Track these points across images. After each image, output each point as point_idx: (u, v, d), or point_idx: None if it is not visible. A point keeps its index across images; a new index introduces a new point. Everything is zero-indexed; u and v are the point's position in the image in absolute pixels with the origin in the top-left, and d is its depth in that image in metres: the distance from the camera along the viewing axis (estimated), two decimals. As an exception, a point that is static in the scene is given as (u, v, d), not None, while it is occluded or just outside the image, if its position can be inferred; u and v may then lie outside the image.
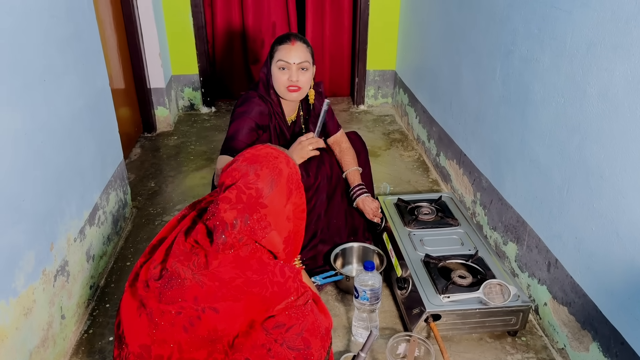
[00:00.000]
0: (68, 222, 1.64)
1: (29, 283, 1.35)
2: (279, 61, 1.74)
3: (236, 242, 1.06)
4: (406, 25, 3.43)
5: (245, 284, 1.04)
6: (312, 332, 1.06)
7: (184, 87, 3.67)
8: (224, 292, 1.03)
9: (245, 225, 1.05)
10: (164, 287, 1.06)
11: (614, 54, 1.31)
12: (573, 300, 1.52)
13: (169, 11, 3.38)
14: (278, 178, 1.09)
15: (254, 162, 1.12)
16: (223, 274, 1.05)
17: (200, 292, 1.04)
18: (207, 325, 1.03)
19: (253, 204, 1.06)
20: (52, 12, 1.60)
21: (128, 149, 2.99)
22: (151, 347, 1.06)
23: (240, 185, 1.08)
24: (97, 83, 2.02)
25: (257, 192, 1.06)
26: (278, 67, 1.75)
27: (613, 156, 1.33)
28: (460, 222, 2.00)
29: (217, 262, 1.06)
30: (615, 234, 1.33)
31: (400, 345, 1.52)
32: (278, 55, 1.75)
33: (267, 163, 1.11)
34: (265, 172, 1.09)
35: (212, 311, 1.03)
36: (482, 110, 2.16)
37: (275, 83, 1.79)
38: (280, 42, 1.76)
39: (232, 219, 1.06)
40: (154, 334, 1.05)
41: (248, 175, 1.09)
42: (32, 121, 1.43)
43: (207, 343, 1.04)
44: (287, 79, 1.75)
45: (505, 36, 1.92)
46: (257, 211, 1.06)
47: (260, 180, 1.08)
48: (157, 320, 1.05)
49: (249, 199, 1.06)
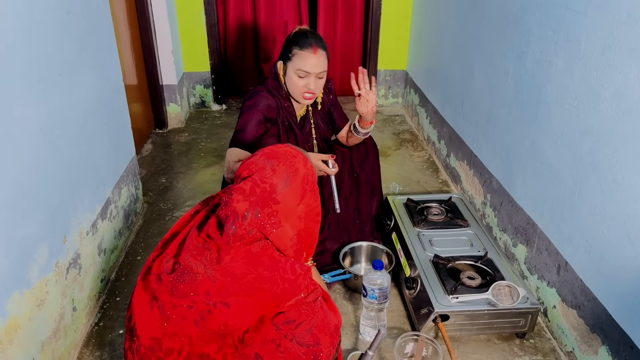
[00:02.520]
0: (81, 215, 1.66)
1: (42, 275, 1.37)
2: (298, 70, 1.72)
3: (246, 234, 1.07)
4: (418, 25, 3.43)
5: (256, 280, 1.05)
6: (321, 328, 1.07)
7: (196, 84, 3.69)
8: (236, 287, 1.04)
9: (256, 218, 1.06)
10: (176, 281, 1.08)
11: (629, 56, 1.30)
12: (582, 304, 1.51)
13: (182, 8, 3.40)
14: (294, 176, 1.10)
15: (272, 157, 1.13)
16: (235, 269, 1.06)
17: (212, 287, 1.05)
18: (218, 320, 1.04)
19: (266, 199, 1.07)
20: (68, 8, 1.61)
21: (140, 145, 3.01)
22: (162, 340, 1.07)
23: (256, 178, 1.09)
24: (111, 79, 2.04)
25: (272, 187, 1.07)
26: (297, 74, 1.73)
27: (626, 160, 1.33)
28: (470, 223, 2.00)
29: (230, 258, 1.07)
30: (627, 238, 1.32)
31: (408, 345, 1.52)
32: (298, 63, 1.71)
33: (285, 160, 1.12)
34: (282, 169, 1.10)
35: (223, 306, 1.04)
36: (494, 112, 2.15)
37: (291, 86, 1.78)
38: (301, 46, 1.71)
39: (244, 210, 1.07)
40: (165, 327, 1.07)
41: (265, 169, 1.10)
42: (48, 115, 1.45)
43: (217, 337, 1.05)
44: (304, 85, 1.74)
45: (519, 38, 1.92)
46: (269, 206, 1.06)
47: (276, 176, 1.09)
48: (169, 314, 1.06)
49: (262, 193, 1.07)
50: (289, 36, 1.79)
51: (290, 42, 1.76)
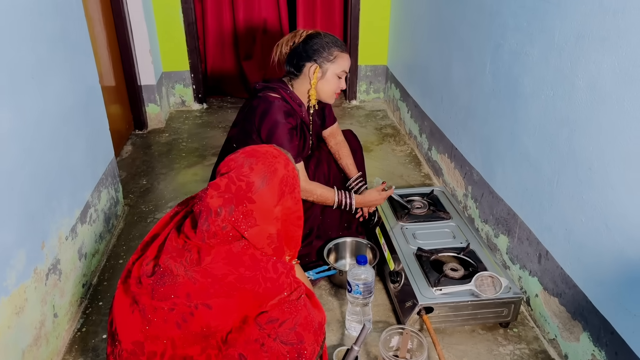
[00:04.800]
0: (59, 220, 1.63)
1: (21, 282, 1.35)
2: (342, 71, 1.78)
3: (219, 231, 1.05)
4: (397, 20, 3.43)
5: (238, 280, 1.04)
6: (305, 326, 1.06)
7: (175, 83, 3.65)
8: (217, 288, 1.03)
9: (229, 215, 1.04)
10: (157, 284, 1.06)
11: (602, 46, 1.32)
12: (563, 291, 1.54)
13: (158, 7, 3.36)
14: (271, 176, 1.09)
15: (251, 156, 1.12)
16: (215, 270, 1.05)
17: (193, 288, 1.03)
18: (200, 322, 1.03)
19: (241, 197, 1.05)
20: (39, 9, 1.58)
21: (119, 147, 2.98)
22: (144, 343, 1.06)
23: (233, 175, 1.08)
24: (86, 80, 2.01)
25: (248, 185, 1.06)
26: (339, 75, 1.78)
27: (601, 148, 1.35)
28: (452, 215, 2.02)
29: (210, 259, 1.05)
30: (605, 225, 1.34)
31: (393, 338, 1.53)
32: (342, 65, 1.77)
33: (264, 160, 1.11)
34: (260, 168, 1.09)
35: (205, 307, 1.03)
36: (473, 104, 2.17)
37: (327, 87, 1.79)
38: (342, 49, 1.77)
39: (217, 207, 1.05)
40: (147, 330, 1.05)
41: (242, 167, 1.09)
42: (21, 119, 1.42)
43: (200, 339, 1.04)
44: (339, 86, 1.81)
45: (495, 30, 1.93)
46: (244, 204, 1.05)
47: (253, 174, 1.07)
48: (150, 317, 1.05)
49: (237, 190, 1.06)
50: (316, 38, 1.76)
51: (327, 44, 1.75)
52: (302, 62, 1.76)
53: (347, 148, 2.04)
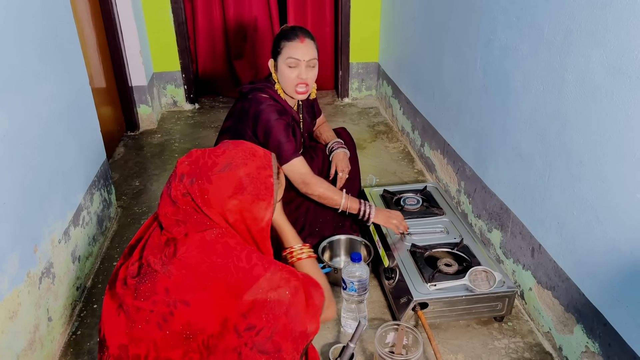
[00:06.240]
0: (52, 223, 1.62)
1: (14, 286, 1.34)
2: (288, 58, 1.70)
3: (180, 196, 1.07)
4: (388, 16, 3.44)
5: (210, 269, 1.02)
6: (283, 335, 1.02)
7: (166, 84, 3.64)
8: (192, 280, 1.02)
9: (190, 184, 1.07)
10: (139, 283, 1.06)
11: (590, 40, 1.33)
12: (557, 285, 1.55)
13: (148, 8, 3.34)
14: (236, 166, 1.08)
15: (235, 144, 1.14)
16: (189, 259, 1.03)
17: (169, 282, 1.02)
18: (180, 320, 1.02)
19: (202, 173, 1.07)
20: (27, 11, 1.57)
21: (111, 148, 2.96)
22: (129, 346, 1.05)
23: (207, 150, 1.11)
24: (77, 82, 1.99)
25: (213, 164, 1.08)
26: (287, 64, 1.71)
27: (592, 141, 1.35)
28: (445, 211, 2.02)
29: (185, 248, 1.04)
30: (596, 218, 1.36)
31: (388, 335, 1.53)
32: (287, 52, 1.70)
33: (241, 152, 1.11)
34: (230, 155, 1.09)
35: (183, 305, 1.02)
36: (464, 100, 2.18)
37: (284, 81, 1.75)
38: (289, 39, 1.71)
39: (181, 173, 1.08)
40: (131, 332, 1.05)
41: (219, 148, 1.12)
42: (11, 122, 1.41)
43: (182, 340, 1.03)
44: (296, 76, 1.72)
45: (485, 25, 1.94)
46: (203, 182, 1.06)
47: (222, 158, 1.09)
48: (134, 317, 1.04)
49: (203, 166, 1.08)
50: (276, 35, 1.78)
51: (278, 37, 1.75)
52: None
53: (328, 125, 2.09)
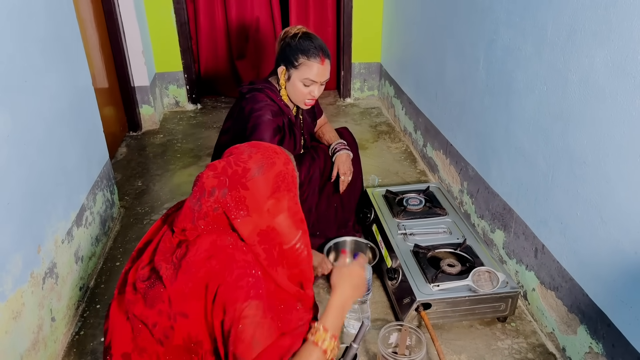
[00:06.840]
0: (55, 223, 1.62)
1: (17, 286, 1.34)
2: (305, 79, 1.69)
3: (210, 211, 1.05)
4: (390, 17, 3.43)
5: (206, 274, 1.01)
6: None
7: (169, 84, 3.64)
8: (190, 287, 1.01)
9: (223, 197, 1.04)
10: (149, 288, 1.06)
11: (594, 40, 1.33)
12: (560, 285, 1.54)
13: (150, 8, 3.34)
14: (268, 167, 1.08)
15: (253, 146, 1.12)
16: (193, 263, 1.02)
17: (171, 290, 1.02)
18: (181, 334, 1.02)
19: (236, 181, 1.05)
20: (30, 11, 1.57)
21: (114, 149, 2.96)
22: (131, 354, 1.05)
23: (231, 159, 1.08)
24: (79, 82, 1.99)
25: (244, 171, 1.05)
26: (303, 83, 1.71)
27: (596, 142, 1.35)
28: (448, 211, 2.02)
29: (195, 249, 1.04)
30: (600, 219, 1.35)
31: (392, 335, 1.53)
32: (306, 73, 1.68)
33: (265, 151, 1.10)
34: (258, 157, 1.08)
35: (182, 317, 1.02)
36: (467, 100, 2.18)
37: (294, 92, 1.74)
38: (308, 56, 1.67)
39: (211, 187, 1.05)
40: (135, 341, 1.05)
41: (242, 154, 1.09)
42: (15, 123, 1.41)
43: (184, 353, 1.04)
44: (308, 92, 1.73)
45: (488, 25, 1.93)
46: (237, 190, 1.04)
47: (251, 162, 1.07)
48: (140, 327, 1.05)
49: (233, 174, 1.05)
50: (289, 38, 1.72)
51: (296, 49, 1.69)
52: (277, 63, 1.77)
53: (330, 125, 2.07)
